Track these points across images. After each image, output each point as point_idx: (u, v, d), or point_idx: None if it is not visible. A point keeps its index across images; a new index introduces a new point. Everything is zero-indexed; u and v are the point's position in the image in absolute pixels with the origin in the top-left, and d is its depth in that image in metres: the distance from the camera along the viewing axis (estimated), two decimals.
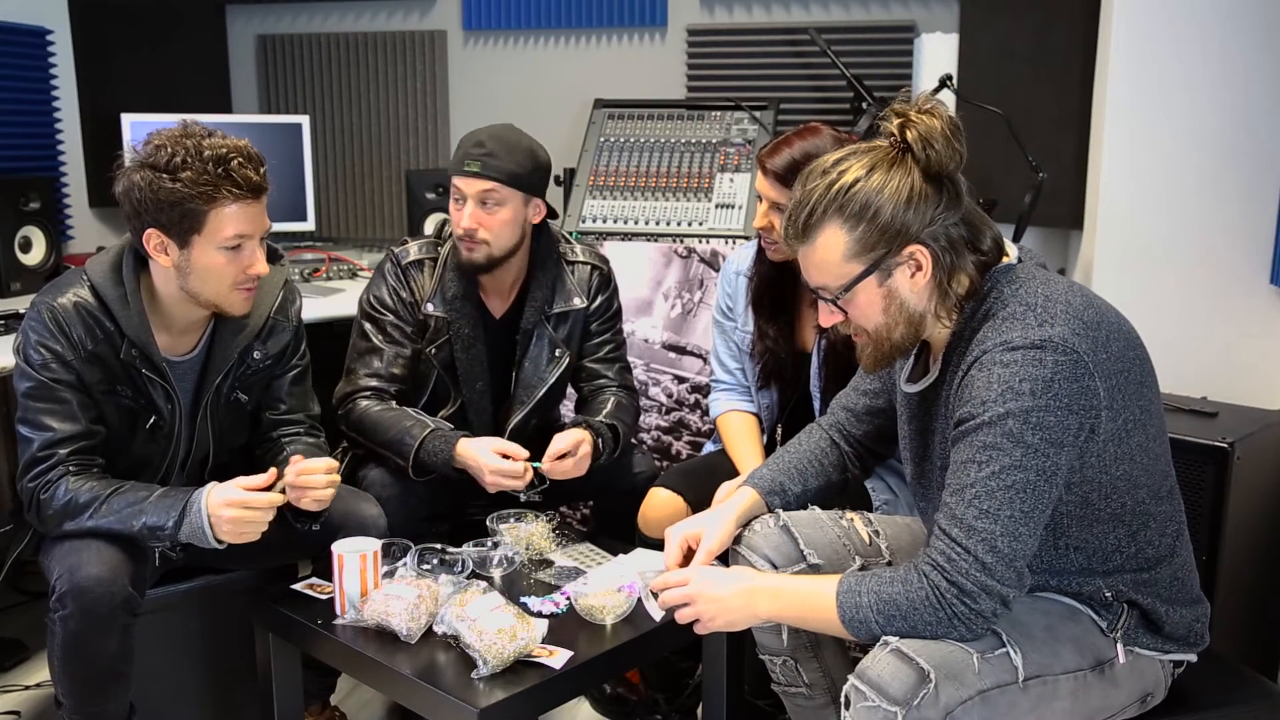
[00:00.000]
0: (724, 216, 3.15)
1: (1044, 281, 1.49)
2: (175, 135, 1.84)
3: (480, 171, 2.18)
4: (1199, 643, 1.59)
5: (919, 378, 1.62)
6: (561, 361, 2.37)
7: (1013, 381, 1.39)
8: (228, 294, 1.92)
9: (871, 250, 1.47)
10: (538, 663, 1.67)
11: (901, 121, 1.46)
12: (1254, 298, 2.59)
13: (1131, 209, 2.67)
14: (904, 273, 1.48)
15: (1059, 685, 1.46)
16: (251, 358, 2.06)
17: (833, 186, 1.47)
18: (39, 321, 1.88)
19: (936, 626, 1.42)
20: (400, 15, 3.99)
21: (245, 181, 1.84)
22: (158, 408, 1.96)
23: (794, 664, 1.82)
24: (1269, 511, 2.25)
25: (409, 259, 2.32)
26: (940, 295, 1.50)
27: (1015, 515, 1.40)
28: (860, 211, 1.46)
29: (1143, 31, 2.60)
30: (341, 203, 4.12)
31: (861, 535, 1.79)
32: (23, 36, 3.35)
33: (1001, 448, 1.39)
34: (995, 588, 1.40)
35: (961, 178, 1.50)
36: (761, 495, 1.82)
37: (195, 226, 1.84)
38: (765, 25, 3.60)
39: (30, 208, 3.11)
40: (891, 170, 1.46)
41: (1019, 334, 1.41)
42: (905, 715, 1.38)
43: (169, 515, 1.83)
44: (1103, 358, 1.42)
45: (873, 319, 1.52)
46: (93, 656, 1.80)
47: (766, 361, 2.30)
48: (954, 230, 1.48)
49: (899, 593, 1.44)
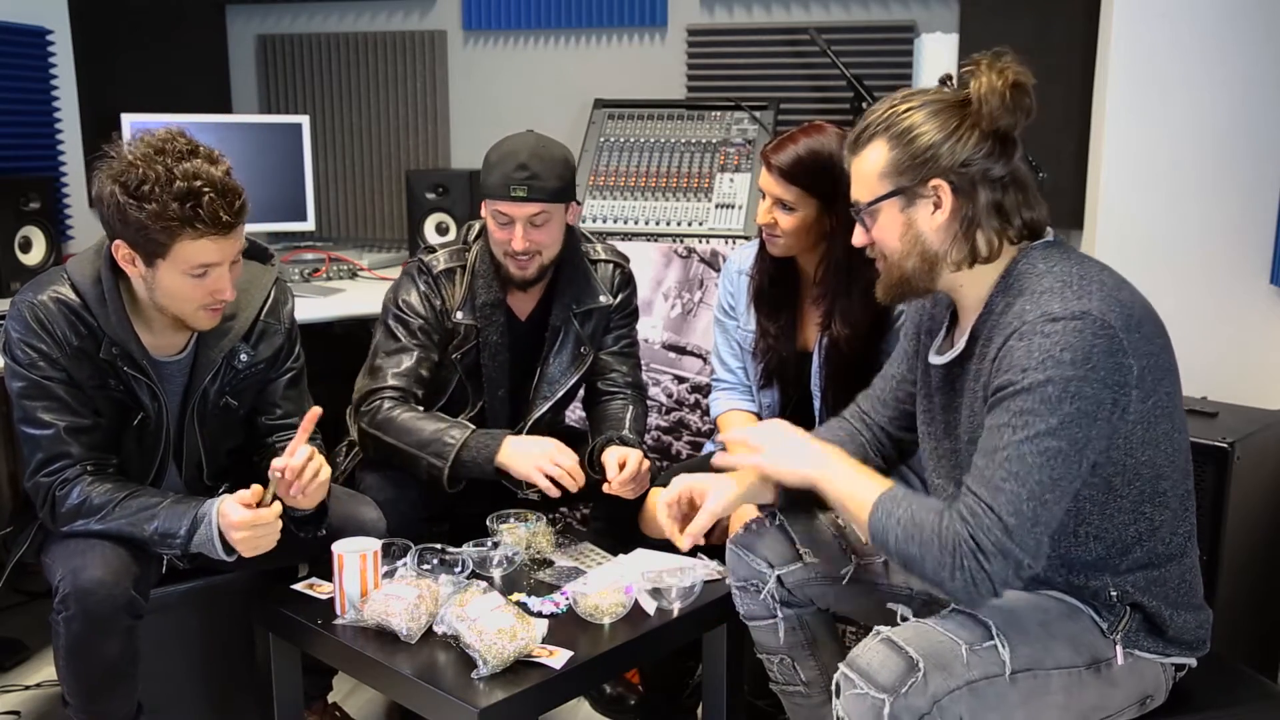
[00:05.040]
0: (724, 216, 3.15)
1: (1078, 261, 1.51)
2: (150, 153, 1.76)
3: (528, 196, 2.15)
4: (1200, 648, 1.59)
5: (946, 351, 1.63)
6: (586, 359, 2.37)
7: (1054, 350, 1.40)
8: (192, 313, 1.88)
9: (902, 174, 1.52)
10: (538, 663, 1.67)
11: (970, 70, 1.51)
12: (1254, 298, 2.59)
13: (1131, 209, 2.67)
14: (926, 207, 1.52)
15: (1050, 680, 1.46)
16: (238, 360, 2.03)
17: (892, 108, 1.54)
18: (20, 320, 1.87)
19: (939, 569, 1.43)
20: (400, 15, 3.99)
21: (213, 219, 1.76)
22: (144, 404, 1.95)
23: (791, 662, 1.83)
24: (1269, 511, 2.25)
25: (440, 268, 2.30)
26: (959, 244, 1.53)
27: (1043, 481, 1.40)
28: (902, 134, 1.52)
29: (1143, 31, 2.60)
30: (341, 203, 4.12)
31: (858, 535, 1.79)
32: (23, 36, 3.35)
33: (1038, 413, 1.40)
34: (1013, 551, 1.40)
35: (1016, 140, 1.53)
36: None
37: (159, 253, 1.79)
38: (765, 25, 3.59)
39: (30, 208, 3.10)
40: (948, 112, 1.51)
41: (1059, 306, 1.43)
42: (893, 703, 1.39)
43: (181, 524, 1.82)
44: (1135, 337, 1.43)
45: (889, 243, 1.57)
46: (96, 658, 1.80)
47: (768, 360, 2.30)
48: (987, 186, 1.51)
49: (929, 521, 1.45)
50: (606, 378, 2.43)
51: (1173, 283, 2.64)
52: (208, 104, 3.97)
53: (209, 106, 3.96)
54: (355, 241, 4.11)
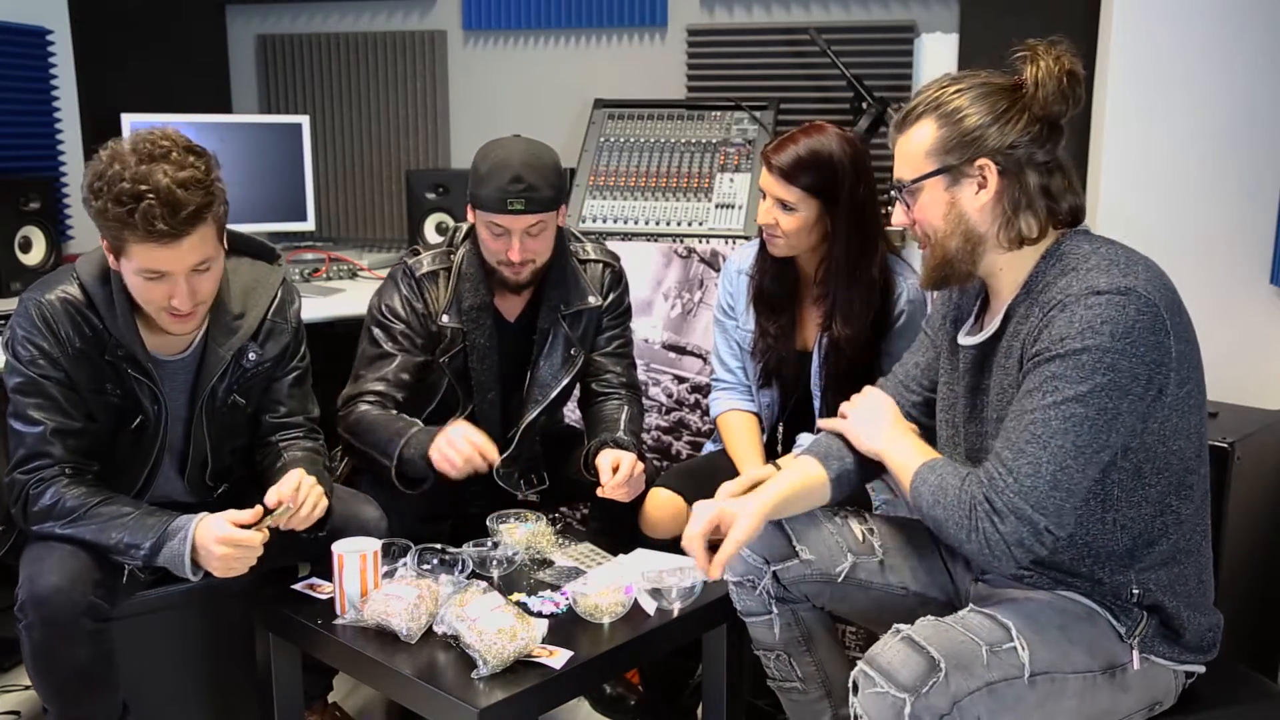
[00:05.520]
0: (724, 216, 3.15)
1: (1122, 246, 1.52)
2: (123, 151, 1.75)
3: (526, 209, 2.15)
4: (1211, 651, 1.59)
5: (978, 333, 1.63)
6: (576, 361, 2.36)
7: (1094, 322, 1.40)
8: (156, 314, 1.87)
9: (948, 153, 1.53)
10: (538, 663, 1.67)
11: (1027, 55, 1.52)
12: (1254, 298, 2.59)
13: (1131, 209, 2.67)
14: (970, 187, 1.53)
15: (1067, 684, 1.47)
16: (247, 359, 2.03)
17: (943, 88, 1.55)
18: (26, 317, 1.87)
19: (958, 530, 1.47)
20: (400, 15, 3.99)
21: (146, 226, 1.71)
22: (144, 408, 1.94)
23: (787, 658, 1.83)
24: (1269, 511, 2.25)
25: (423, 270, 2.30)
26: (1004, 225, 1.53)
27: (1067, 448, 1.41)
28: (951, 114, 1.53)
29: (1143, 32, 2.60)
30: (341, 203, 4.12)
31: (855, 533, 1.79)
32: (23, 36, 3.34)
33: (1069, 379, 1.41)
34: (1027, 513, 1.41)
35: (1063, 128, 1.54)
36: (820, 461, 1.79)
37: (120, 249, 1.79)
38: (765, 25, 3.60)
39: (30, 208, 3.10)
40: (999, 95, 1.52)
41: (1105, 280, 1.43)
42: (914, 703, 1.39)
43: (146, 536, 1.80)
44: (1178, 321, 1.44)
45: (933, 222, 1.57)
46: (62, 664, 1.79)
47: (767, 360, 2.30)
48: (1033, 169, 1.52)
49: (952, 485, 1.50)
50: (600, 379, 2.42)
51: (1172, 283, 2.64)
52: (208, 104, 3.97)
53: (209, 106, 3.96)
54: (355, 241, 4.11)
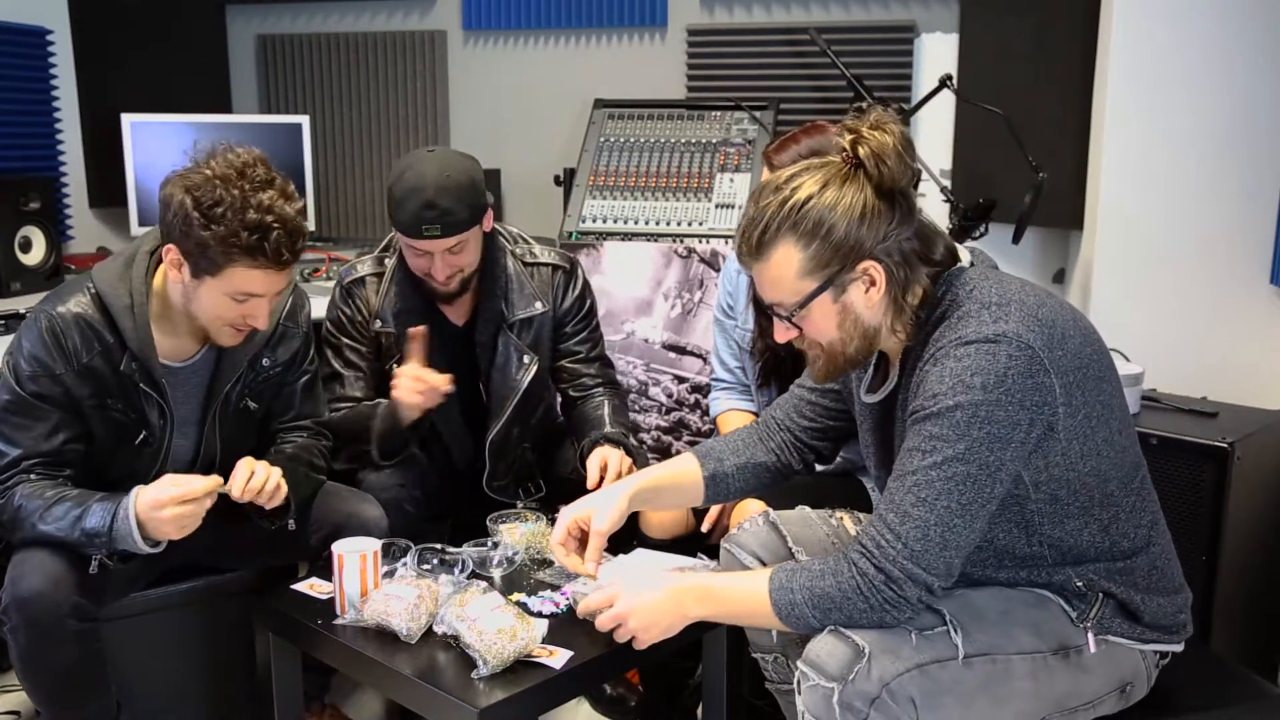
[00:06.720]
0: (724, 216, 3.15)
1: (997, 281, 1.49)
2: (231, 174, 1.76)
3: (442, 234, 2.12)
4: (1182, 632, 1.58)
5: (878, 388, 1.62)
6: (530, 368, 2.31)
7: (964, 375, 1.39)
8: (219, 329, 1.88)
9: (825, 267, 1.47)
10: (538, 663, 1.67)
11: (854, 138, 1.46)
12: (1254, 298, 2.58)
13: (1131, 209, 2.67)
14: (858, 289, 1.49)
15: (1012, 665, 1.46)
16: (261, 365, 2.04)
17: (786, 203, 1.47)
18: (35, 330, 1.85)
19: (869, 614, 1.43)
20: (400, 15, 3.99)
21: (275, 255, 1.77)
22: (149, 423, 1.93)
23: (785, 660, 1.83)
24: (1269, 511, 2.25)
25: (352, 277, 2.31)
26: (895, 309, 1.51)
27: (952, 507, 1.40)
28: (814, 229, 1.45)
29: (1143, 31, 2.60)
30: (341, 203, 4.12)
31: (850, 533, 1.79)
32: (23, 36, 3.35)
33: (946, 439, 1.40)
34: (921, 575, 1.41)
35: (913, 192, 1.50)
36: (698, 459, 1.82)
37: (211, 271, 1.79)
38: (765, 25, 3.60)
39: (30, 208, 3.10)
40: (844, 186, 1.46)
41: (973, 329, 1.42)
42: (842, 690, 1.40)
43: (104, 519, 1.79)
44: (1058, 354, 1.42)
45: (827, 334, 1.53)
46: (50, 666, 1.79)
47: (767, 360, 2.31)
48: (907, 244, 1.48)
49: (830, 585, 1.45)
50: (576, 384, 2.40)
51: (1173, 283, 2.64)
52: (207, 104, 3.97)
53: (209, 106, 3.96)
54: (355, 241, 4.11)
